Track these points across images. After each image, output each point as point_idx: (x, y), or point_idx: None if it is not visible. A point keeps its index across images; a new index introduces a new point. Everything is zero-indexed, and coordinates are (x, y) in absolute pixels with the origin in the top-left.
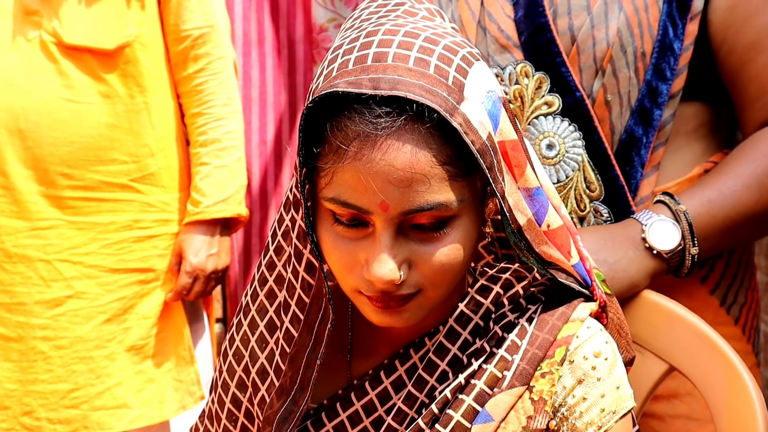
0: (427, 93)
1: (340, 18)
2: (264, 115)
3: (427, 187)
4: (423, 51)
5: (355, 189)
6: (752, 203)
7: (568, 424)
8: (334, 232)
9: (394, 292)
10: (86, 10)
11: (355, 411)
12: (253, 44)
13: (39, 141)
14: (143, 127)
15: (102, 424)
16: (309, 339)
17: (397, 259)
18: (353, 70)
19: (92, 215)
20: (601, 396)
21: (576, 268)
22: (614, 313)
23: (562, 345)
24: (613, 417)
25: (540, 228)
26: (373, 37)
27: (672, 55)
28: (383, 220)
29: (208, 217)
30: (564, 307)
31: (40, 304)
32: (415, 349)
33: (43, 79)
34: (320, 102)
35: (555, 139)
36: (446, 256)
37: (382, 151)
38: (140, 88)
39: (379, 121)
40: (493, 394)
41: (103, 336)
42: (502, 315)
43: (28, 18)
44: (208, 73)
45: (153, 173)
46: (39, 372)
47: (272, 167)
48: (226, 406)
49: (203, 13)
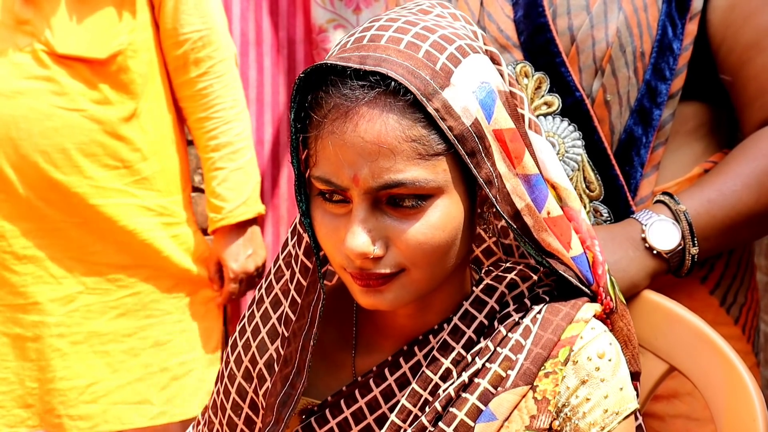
0: (409, 74)
1: (339, 18)
2: (261, 116)
3: (392, 163)
4: (417, 37)
5: (333, 163)
6: (752, 203)
7: (571, 425)
8: (321, 210)
9: (372, 269)
10: (78, 20)
11: (359, 408)
12: (251, 45)
13: (31, 148)
14: (135, 133)
15: (122, 419)
16: (305, 321)
17: (371, 234)
18: (349, 48)
19: (93, 220)
20: (604, 397)
21: (576, 261)
22: (625, 324)
23: (566, 345)
24: (616, 418)
25: (540, 214)
26: (375, 23)
27: (671, 55)
28: (357, 194)
29: (232, 221)
30: (568, 307)
31: (54, 302)
32: (419, 346)
33: (34, 88)
34: (315, 82)
35: (554, 139)
36: (422, 235)
37: (353, 123)
38: (132, 94)
39: (352, 93)
40: (496, 393)
41: (118, 331)
42: (506, 315)
43: (20, 27)
44: (212, 77)
45: (147, 177)
46: (57, 369)
47: (270, 168)
48: (231, 396)
49: (201, 15)
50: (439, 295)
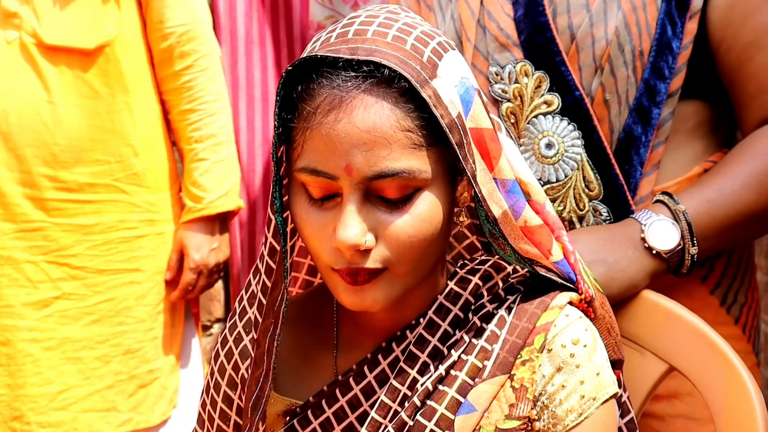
0: (401, 63)
1: (337, 15)
2: (267, 115)
3: (388, 152)
4: (401, 31)
5: (322, 153)
6: (752, 202)
7: (548, 412)
8: (306, 207)
9: (360, 263)
10: (65, 11)
11: (341, 407)
12: (255, 43)
13: (21, 143)
14: (125, 127)
15: (91, 426)
16: (270, 322)
17: (362, 225)
18: (334, 42)
19: (77, 217)
20: (580, 383)
21: (559, 266)
22: (606, 311)
23: (541, 332)
24: (594, 403)
25: (516, 223)
26: (355, 19)
27: (670, 54)
28: (349, 185)
29: (212, 212)
30: (543, 295)
31: (28, 306)
32: (397, 342)
33: (23, 81)
34: (297, 75)
35: (554, 138)
36: (411, 228)
37: (347, 113)
38: (121, 87)
39: (346, 84)
40: (474, 385)
41: (91, 337)
42: (481, 306)
43: (7, 20)
44: (197, 70)
45: (137, 173)
46: (28, 375)
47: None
48: (218, 406)
49: (186, 10)
50: (416, 290)
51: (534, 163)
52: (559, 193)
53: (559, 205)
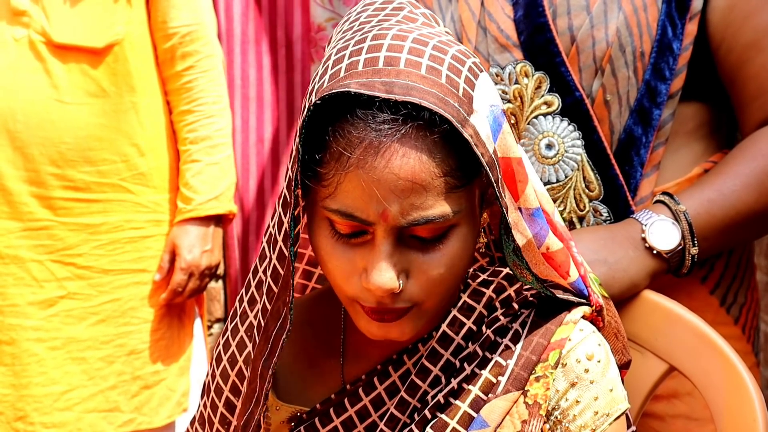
0: (441, 102)
1: (338, 17)
2: (261, 114)
3: (424, 199)
4: (434, 59)
5: (358, 199)
6: (752, 202)
7: (561, 428)
8: (331, 239)
9: (391, 304)
10: (75, 9)
11: (349, 417)
12: (251, 43)
13: (28, 141)
14: (132, 127)
15: (94, 427)
16: (265, 348)
17: (396, 268)
18: (364, 72)
19: (83, 216)
20: (594, 399)
21: (576, 285)
22: (611, 316)
23: (556, 348)
24: (607, 420)
25: (539, 250)
26: (381, 41)
27: (671, 55)
28: (384, 229)
29: (201, 214)
30: (557, 309)
31: (33, 305)
32: (408, 355)
33: (31, 80)
34: (323, 103)
35: (554, 138)
36: (445, 266)
37: (386, 159)
38: (129, 87)
39: (384, 127)
40: (487, 400)
41: (96, 337)
42: (494, 319)
43: (16, 18)
44: (198, 71)
45: (143, 173)
46: (32, 375)
47: (270, 166)
48: (219, 410)
49: (191, 10)
50: None
51: (534, 163)
52: (559, 193)
53: (560, 205)
